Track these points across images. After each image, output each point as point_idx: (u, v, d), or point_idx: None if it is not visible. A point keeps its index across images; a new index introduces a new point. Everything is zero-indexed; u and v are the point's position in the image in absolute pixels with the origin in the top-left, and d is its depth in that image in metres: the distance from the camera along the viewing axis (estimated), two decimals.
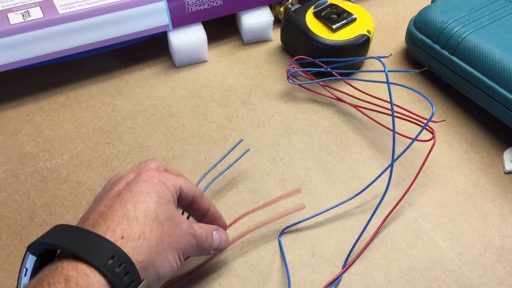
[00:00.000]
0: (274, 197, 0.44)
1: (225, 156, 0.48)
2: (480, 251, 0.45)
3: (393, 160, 0.45)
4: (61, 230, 0.31)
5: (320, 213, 0.47)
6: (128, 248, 0.31)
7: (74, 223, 0.45)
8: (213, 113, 0.55)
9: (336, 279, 0.43)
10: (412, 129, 0.52)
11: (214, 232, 0.40)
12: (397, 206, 0.46)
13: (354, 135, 0.53)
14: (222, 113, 0.55)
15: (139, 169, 0.36)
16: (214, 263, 0.44)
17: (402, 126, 0.53)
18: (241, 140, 0.50)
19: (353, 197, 0.47)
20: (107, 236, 0.31)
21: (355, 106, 0.55)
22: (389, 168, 0.45)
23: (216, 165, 0.47)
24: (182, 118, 0.54)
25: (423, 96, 0.50)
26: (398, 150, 0.49)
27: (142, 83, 0.58)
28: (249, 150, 0.50)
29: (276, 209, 0.47)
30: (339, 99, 0.56)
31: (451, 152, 0.52)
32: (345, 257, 0.44)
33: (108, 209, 0.33)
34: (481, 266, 0.44)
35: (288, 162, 0.51)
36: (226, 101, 0.56)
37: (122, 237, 0.31)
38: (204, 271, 0.43)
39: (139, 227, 0.32)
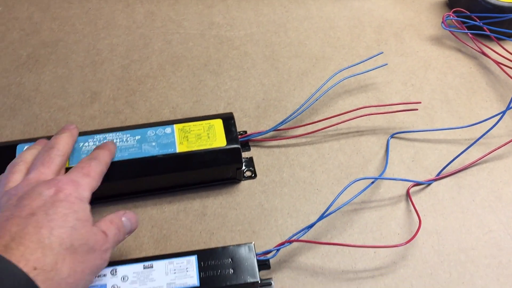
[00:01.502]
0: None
1: (364, 61, 0.56)
2: None
3: (508, 107, 0.49)
4: None
5: (430, 130, 0.53)
6: (39, 281, 0.30)
7: (223, 77, 0.58)
8: (366, 35, 0.63)
9: (428, 181, 0.49)
10: None
11: (123, 219, 0.39)
12: (505, 151, 0.51)
13: (486, 86, 0.58)
14: (374, 37, 0.63)
15: (54, 184, 0.35)
16: None
17: None
18: (381, 52, 0.58)
19: (465, 127, 0.53)
20: (21, 265, 0.30)
21: (497, 63, 0.59)
22: (503, 114, 0.50)
23: (353, 65, 0.56)
24: (339, 32, 0.63)
25: None
26: None
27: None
28: (387, 64, 0.58)
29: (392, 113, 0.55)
30: (483, 53, 0.60)
31: None
32: (441, 169, 0.50)
33: (22, 231, 0.32)
34: None
35: (417, 88, 0.57)
36: (381, 30, 0.64)
37: (35, 268, 0.30)
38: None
39: (52, 257, 0.31)
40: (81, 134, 0.47)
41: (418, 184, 0.49)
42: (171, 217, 0.47)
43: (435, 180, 0.50)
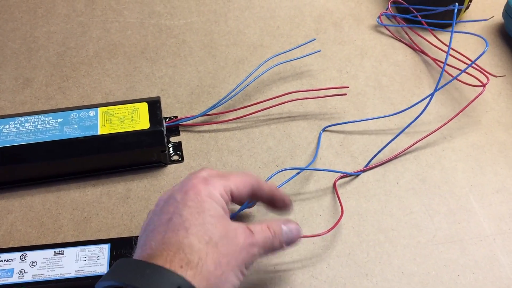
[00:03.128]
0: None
1: (296, 47, 0.57)
2: (493, 190, 0.48)
3: (435, 89, 0.50)
4: (125, 266, 0.32)
5: (360, 121, 0.53)
6: (189, 276, 0.31)
7: (159, 64, 0.58)
8: (306, 25, 0.63)
9: (356, 173, 0.50)
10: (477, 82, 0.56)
11: (282, 226, 0.38)
12: (431, 135, 0.51)
13: (420, 74, 0.58)
14: (313, 27, 0.63)
15: (185, 186, 0.36)
16: None
17: (468, 78, 0.56)
18: (314, 39, 0.59)
19: (393, 114, 0.53)
20: (167, 267, 0.31)
21: (428, 55, 0.60)
22: (431, 97, 0.50)
23: (285, 51, 0.57)
24: (279, 21, 0.64)
25: (480, 37, 0.54)
26: (457, 97, 0.54)
27: None
28: (320, 51, 0.58)
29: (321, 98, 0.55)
30: (416, 47, 0.61)
31: (504, 108, 0.55)
32: (369, 160, 0.50)
33: (163, 237, 0.33)
34: (488, 201, 0.48)
35: (351, 76, 0.58)
36: (321, 19, 0.64)
37: (181, 267, 0.31)
38: None
39: (195, 254, 0.32)
40: (3, 117, 0.47)
41: (346, 175, 0.50)
42: (93, 200, 0.47)
43: (363, 171, 0.50)
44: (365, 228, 0.46)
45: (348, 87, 0.55)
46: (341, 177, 0.49)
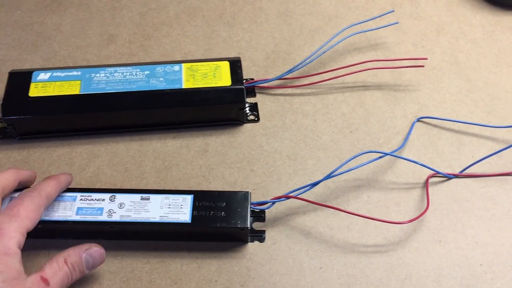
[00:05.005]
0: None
1: (373, 18, 0.58)
2: None
3: None
4: None
5: (463, 122, 0.53)
6: None
7: (236, 29, 0.60)
8: None
9: (448, 175, 0.47)
10: None
11: (82, 255, 0.38)
12: None
13: (498, 52, 0.58)
14: (389, 0, 0.63)
15: None
16: None
17: None
18: (392, 10, 0.59)
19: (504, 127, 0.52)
20: None
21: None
22: None
23: (362, 21, 0.57)
24: None
25: None
26: None
27: None
28: (398, 23, 0.58)
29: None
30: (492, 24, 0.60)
31: None
32: (466, 166, 0.50)
33: None
34: None
35: (427, 50, 0.58)
36: None
37: None
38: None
39: None
40: (94, 66, 0.50)
41: (437, 174, 0.48)
42: (173, 151, 0.49)
43: (456, 176, 0.48)
44: (439, 198, 0.46)
45: (426, 58, 0.55)
46: (434, 175, 0.47)
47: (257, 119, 0.51)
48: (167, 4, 0.61)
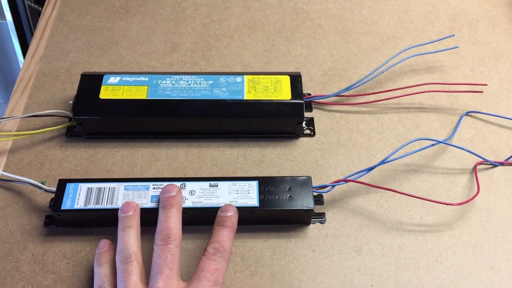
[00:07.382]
0: None
1: (433, 42, 0.59)
2: None
3: None
4: None
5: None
6: None
7: (295, 44, 0.60)
8: (440, 21, 0.64)
9: (495, 162, 0.50)
10: None
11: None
12: None
13: None
14: (448, 24, 0.64)
15: None
16: None
17: None
18: (453, 35, 0.60)
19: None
20: None
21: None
22: None
23: (421, 44, 0.57)
24: (412, 16, 0.65)
25: None
26: None
27: None
28: (457, 47, 0.58)
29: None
30: None
31: None
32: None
33: None
34: None
35: (485, 76, 0.58)
36: (455, 18, 0.64)
37: None
38: None
39: None
40: (160, 73, 0.52)
41: (485, 161, 0.50)
42: (230, 160, 0.50)
43: (502, 164, 0.50)
44: (493, 224, 0.46)
45: (486, 85, 0.55)
46: (481, 163, 0.50)
47: (313, 134, 0.52)
48: (229, 16, 0.63)
